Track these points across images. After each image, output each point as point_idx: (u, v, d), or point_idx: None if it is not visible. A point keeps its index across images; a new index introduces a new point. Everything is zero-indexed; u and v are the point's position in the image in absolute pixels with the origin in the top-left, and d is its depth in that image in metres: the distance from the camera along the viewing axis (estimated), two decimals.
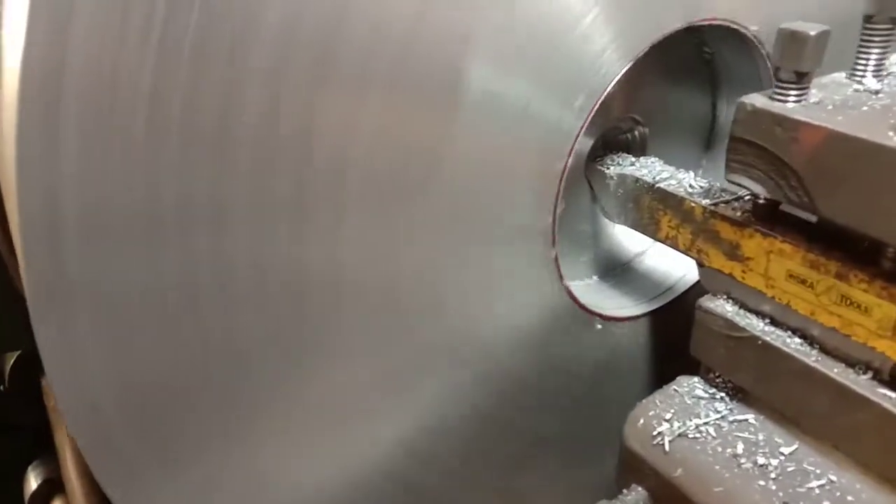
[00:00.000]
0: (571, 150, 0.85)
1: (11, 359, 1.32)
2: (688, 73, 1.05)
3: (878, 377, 0.72)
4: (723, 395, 0.87)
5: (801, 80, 0.70)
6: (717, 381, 0.88)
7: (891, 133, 0.64)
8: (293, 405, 0.80)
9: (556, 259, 0.91)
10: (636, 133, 1.05)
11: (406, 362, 0.86)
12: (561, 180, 0.86)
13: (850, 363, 0.74)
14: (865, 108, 0.71)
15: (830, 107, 0.71)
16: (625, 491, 0.87)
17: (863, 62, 0.77)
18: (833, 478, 0.76)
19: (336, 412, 0.84)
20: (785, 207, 0.77)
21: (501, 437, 0.99)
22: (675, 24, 0.87)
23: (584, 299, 0.97)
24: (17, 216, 0.58)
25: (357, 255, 0.75)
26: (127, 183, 0.60)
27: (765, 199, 0.77)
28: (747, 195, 0.81)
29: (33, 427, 1.24)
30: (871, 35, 0.75)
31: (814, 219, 0.74)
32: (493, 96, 0.76)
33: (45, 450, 1.23)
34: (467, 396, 0.93)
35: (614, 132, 1.03)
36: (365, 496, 0.90)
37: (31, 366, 1.29)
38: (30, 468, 1.27)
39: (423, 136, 0.74)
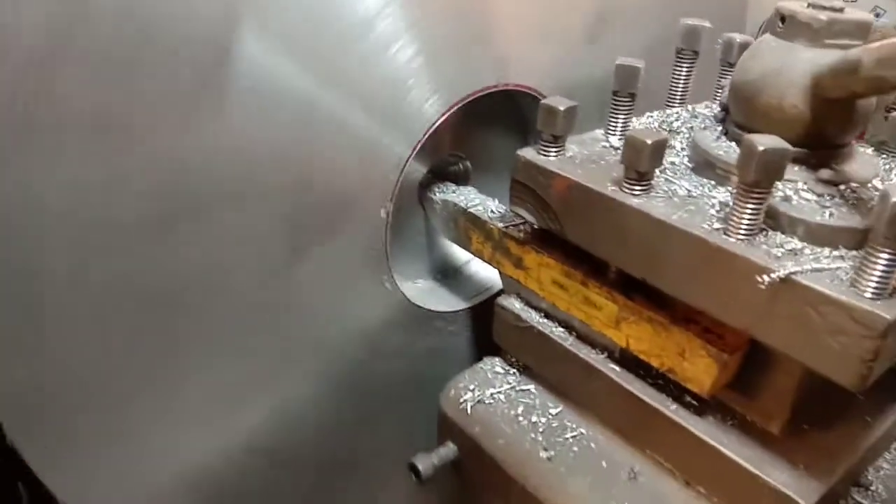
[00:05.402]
0: (402, 171, 1.07)
1: None
2: (503, 121, 1.29)
3: (611, 356, 0.98)
4: (514, 371, 1.12)
5: (557, 140, 0.95)
6: (511, 360, 1.13)
7: (608, 183, 0.90)
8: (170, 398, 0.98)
9: (389, 263, 1.13)
10: (461, 166, 1.27)
11: (263, 362, 1.05)
12: (392, 195, 1.07)
13: (594, 346, 1.00)
14: (603, 161, 0.94)
15: (578, 160, 0.94)
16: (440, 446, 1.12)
17: (613, 124, 1.02)
18: (583, 430, 1.02)
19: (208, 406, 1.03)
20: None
21: (350, 406, 1.21)
22: (487, 83, 1.12)
23: (416, 298, 1.20)
24: None
25: (198, 261, 0.93)
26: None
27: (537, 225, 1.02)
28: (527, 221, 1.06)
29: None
30: (616, 105, 1.01)
31: None
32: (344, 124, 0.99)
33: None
34: (319, 386, 1.14)
35: (444, 164, 1.25)
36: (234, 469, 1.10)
37: None
38: None
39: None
